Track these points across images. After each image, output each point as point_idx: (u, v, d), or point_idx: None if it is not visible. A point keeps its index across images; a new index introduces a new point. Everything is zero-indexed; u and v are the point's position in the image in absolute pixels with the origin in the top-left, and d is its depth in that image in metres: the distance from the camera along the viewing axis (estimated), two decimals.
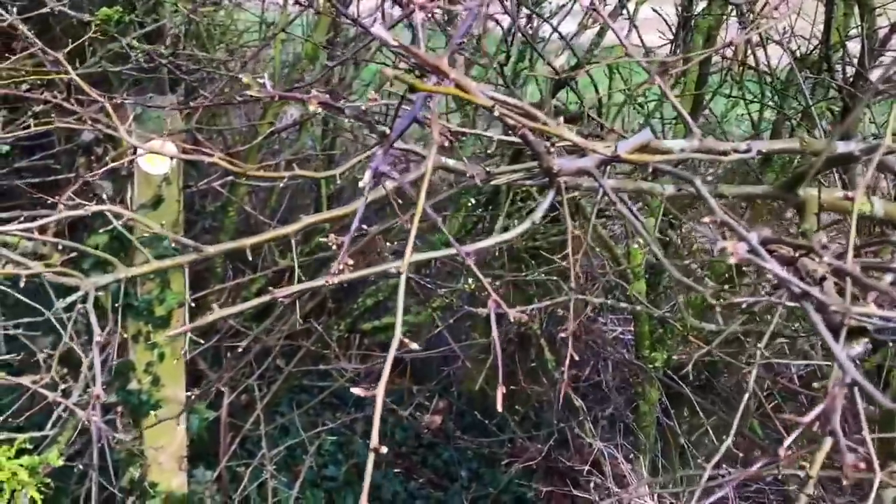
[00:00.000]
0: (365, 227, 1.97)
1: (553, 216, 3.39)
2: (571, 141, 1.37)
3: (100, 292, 1.73)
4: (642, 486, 2.94)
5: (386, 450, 1.04)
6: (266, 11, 4.56)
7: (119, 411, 3.36)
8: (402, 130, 1.26)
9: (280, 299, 1.47)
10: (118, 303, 3.07)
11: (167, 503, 3.53)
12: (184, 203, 3.36)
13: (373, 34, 1.16)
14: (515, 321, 1.21)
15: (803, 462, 1.55)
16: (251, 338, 3.80)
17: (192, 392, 3.53)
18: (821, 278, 1.29)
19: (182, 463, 3.55)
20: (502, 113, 1.24)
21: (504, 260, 3.90)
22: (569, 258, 1.44)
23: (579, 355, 4.60)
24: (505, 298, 3.92)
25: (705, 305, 3.39)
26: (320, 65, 4.04)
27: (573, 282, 1.43)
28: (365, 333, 4.34)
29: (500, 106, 1.24)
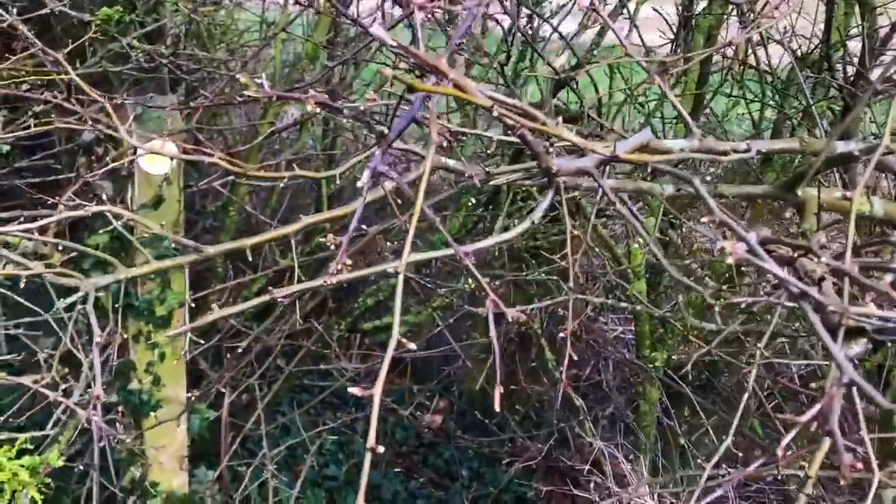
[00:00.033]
0: (364, 228, 1.97)
1: (553, 216, 3.39)
2: (570, 141, 1.37)
3: (100, 293, 1.73)
4: (642, 486, 2.94)
5: (383, 449, 1.04)
6: (266, 11, 4.56)
7: (120, 411, 3.37)
8: (401, 131, 1.26)
9: (279, 299, 1.47)
10: (119, 303, 3.08)
11: (168, 503, 3.53)
12: (184, 203, 3.35)
13: (371, 34, 1.16)
14: (514, 321, 1.21)
15: (802, 462, 1.55)
16: (251, 338, 3.80)
17: (192, 393, 3.53)
18: (819, 278, 1.29)
19: (183, 462, 3.55)
20: (501, 113, 1.24)
21: (504, 259, 3.90)
22: (568, 258, 1.44)
23: (580, 355, 4.62)
24: (505, 298, 3.93)
25: (705, 305, 3.39)
26: (321, 64, 4.04)
27: (572, 282, 1.43)
28: (366, 333, 4.34)
29: (499, 106, 1.24)
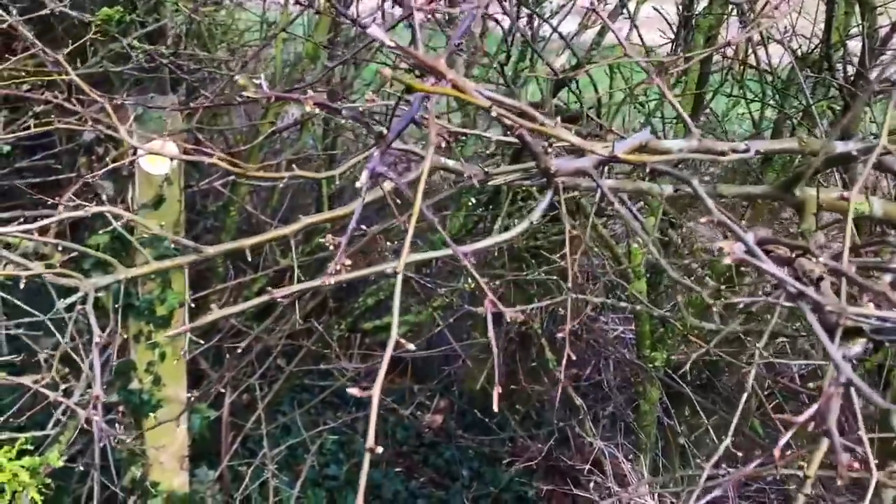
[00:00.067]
0: (364, 228, 1.97)
1: (553, 215, 3.39)
2: (569, 141, 1.37)
3: (100, 293, 1.73)
4: (643, 486, 2.94)
5: (382, 450, 1.05)
6: (267, 11, 4.56)
7: (120, 411, 3.37)
8: (400, 131, 1.27)
9: (279, 299, 1.48)
10: (119, 303, 3.08)
11: (169, 502, 3.53)
12: (185, 203, 3.36)
13: (370, 34, 1.16)
14: (512, 321, 1.22)
15: (801, 462, 1.56)
16: (251, 338, 3.80)
17: (192, 393, 3.54)
18: (818, 278, 1.29)
19: (184, 462, 3.55)
20: (499, 113, 1.25)
21: (504, 259, 3.90)
22: (567, 258, 1.44)
23: (581, 355, 4.63)
24: (506, 298, 3.93)
25: (705, 305, 3.39)
26: (321, 64, 4.04)
27: (571, 281, 1.43)
28: (366, 333, 4.34)
29: (497, 106, 1.24)
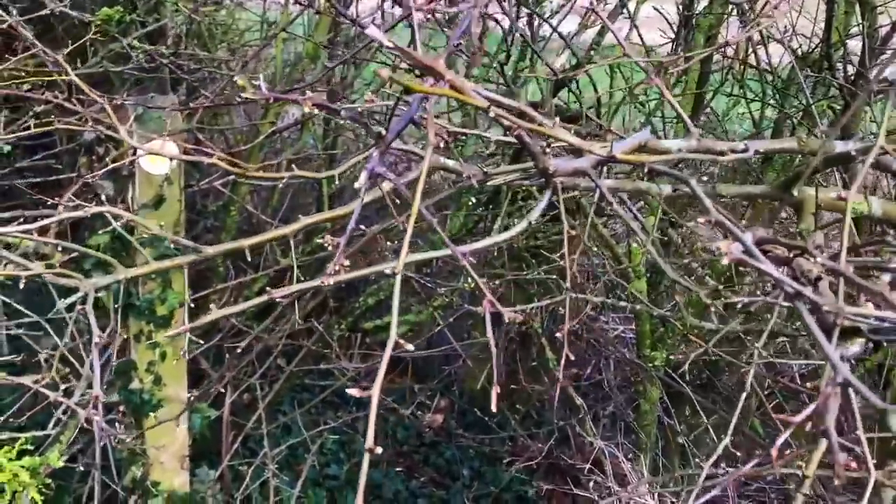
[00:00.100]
0: (363, 228, 1.98)
1: (554, 215, 3.39)
2: (567, 141, 1.37)
3: (99, 293, 1.73)
4: (643, 485, 2.94)
5: (381, 450, 1.05)
6: (267, 11, 4.57)
7: (121, 411, 3.37)
8: (399, 132, 1.27)
9: (278, 299, 1.48)
10: (119, 303, 3.08)
11: (169, 502, 3.54)
12: (185, 203, 3.36)
13: (368, 35, 1.16)
14: (510, 321, 1.22)
15: (800, 462, 1.56)
16: (251, 337, 3.80)
17: (192, 392, 3.54)
18: (816, 278, 1.29)
19: (184, 462, 3.56)
20: (497, 114, 1.25)
21: (504, 259, 3.90)
22: (566, 258, 1.44)
23: (581, 354, 4.62)
24: (506, 297, 3.93)
25: (705, 304, 3.39)
26: (321, 64, 4.04)
27: (569, 281, 1.43)
28: (366, 332, 4.34)
29: (496, 107, 1.24)
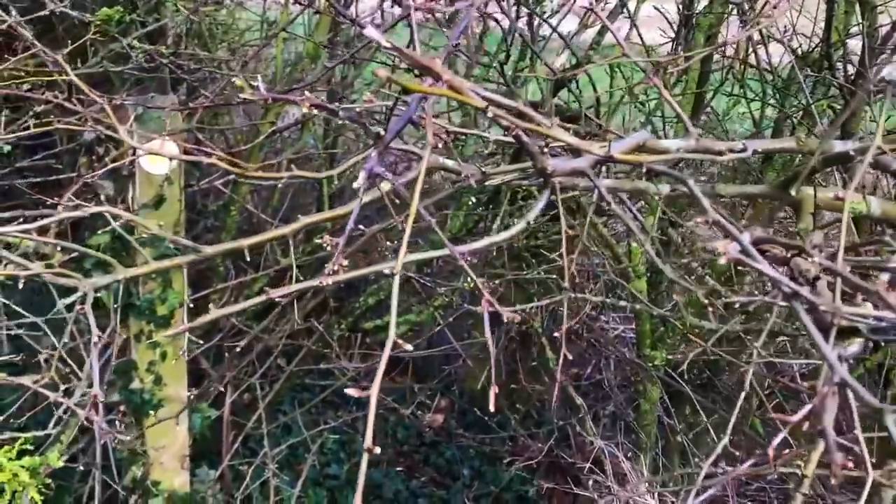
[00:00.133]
0: (362, 228, 1.98)
1: (553, 214, 3.39)
2: (565, 141, 1.37)
3: (99, 293, 1.73)
4: (643, 485, 2.95)
5: (380, 450, 1.05)
6: (267, 10, 4.57)
7: (121, 410, 3.37)
8: (397, 132, 1.27)
9: (277, 299, 1.48)
10: (119, 302, 3.08)
11: (170, 502, 3.54)
12: (186, 202, 3.36)
13: (366, 35, 1.16)
14: (509, 320, 1.22)
15: (799, 461, 1.56)
16: (250, 337, 3.80)
17: (191, 391, 3.54)
18: (814, 278, 1.30)
19: (184, 462, 3.56)
20: (495, 114, 1.25)
21: (504, 259, 3.90)
22: (564, 257, 1.44)
23: (581, 354, 4.62)
24: (506, 297, 3.92)
25: (704, 304, 3.39)
26: (322, 64, 4.04)
27: (567, 281, 1.43)
28: (367, 332, 4.34)
29: (494, 107, 1.24)
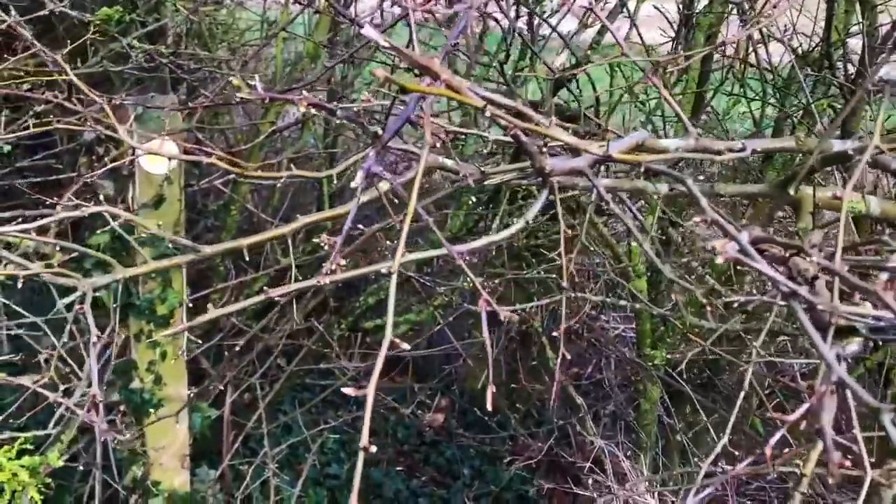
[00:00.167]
0: (361, 227, 1.98)
1: (553, 214, 3.39)
2: (564, 141, 1.37)
3: (98, 292, 1.73)
4: (643, 484, 2.95)
5: (376, 448, 1.05)
6: (268, 10, 4.57)
7: (121, 410, 3.37)
8: (395, 131, 1.27)
9: (276, 298, 1.48)
10: (119, 302, 3.08)
11: (170, 501, 3.54)
12: (186, 202, 3.36)
13: (364, 35, 1.16)
14: (508, 320, 1.22)
15: (798, 461, 1.56)
16: (249, 336, 3.80)
17: (191, 390, 3.54)
18: (812, 277, 1.29)
19: (185, 461, 3.56)
20: (494, 113, 1.25)
21: (504, 258, 3.90)
22: (562, 257, 1.44)
23: (581, 353, 4.61)
24: (506, 296, 3.92)
25: (702, 304, 3.39)
26: (322, 63, 4.05)
27: (566, 280, 1.43)
28: (367, 332, 4.35)
29: (492, 106, 1.24)
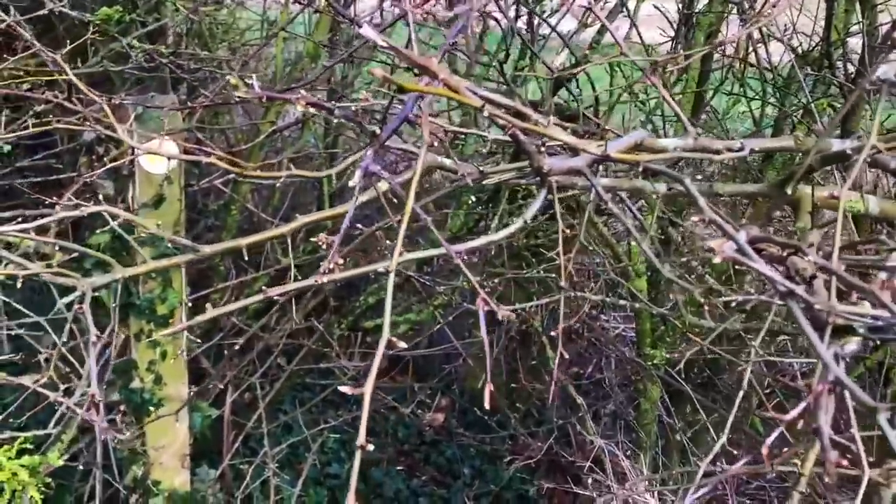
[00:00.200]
0: (360, 227, 1.98)
1: (553, 213, 3.38)
2: (562, 141, 1.37)
3: (97, 292, 1.73)
4: (642, 483, 2.95)
5: (373, 447, 1.05)
6: (268, 10, 4.57)
7: (121, 410, 3.38)
8: (393, 130, 1.27)
9: (275, 297, 1.48)
10: (117, 302, 3.08)
11: (170, 501, 3.54)
12: (186, 202, 3.36)
13: (362, 35, 1.16)
14: (506, 319, 1.22)
15: (797, 460, 1.56)
16: (248, 335, 3.81)
17: (191, 390, 3.54)
18: (811, 277, 1.29)
19: (185, 461, 3.56)
20: (492, 113, 1.25)
21: (504, 258, 3.90)
22: (560, 256, 1.44)
23: (581, 352, 4.61)
24: (506, 296, 3.92)
25: (700, 303, 3.38)
26: (322, 63, 4.05)
27: (564, 280, 1.44)
28: (367, 331, 4.35)
29: (490, 105, 1.24)
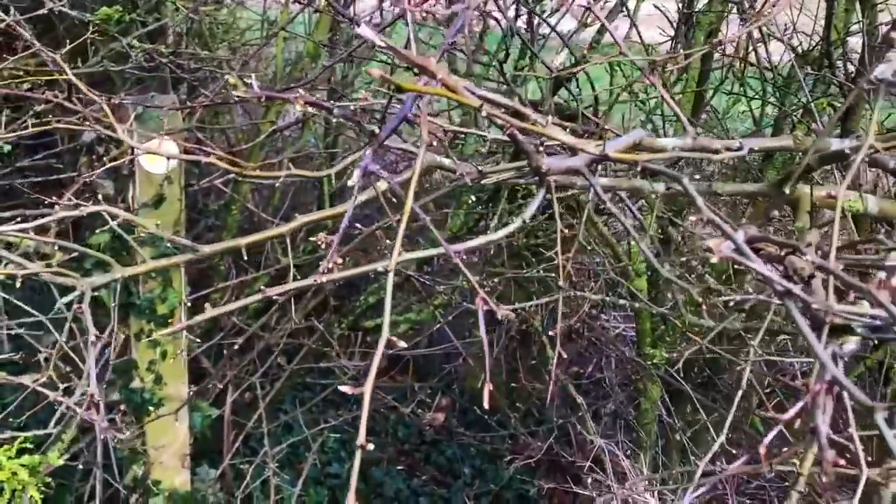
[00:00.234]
0: (359, 227, 1.98)
1: (552, 213, 3.38)
2: (561, 140, 1.37)
3: (97, 292, 1.74)
4: (642, 483, 2.95)
5: (373, 446, 1.05)
6: (268, 10, 4.57)
7: (122, 409, 3.38)
8: (392, 130, 1.27)
9: (275, 297, 1.48)
10: (118, 301, 3.08)
11: (170, 501, 3.55)
12: (187, 201, 3.36)
13: (360, 34, 1.16)
14: (506, 318, 1.22)
15: (796, 459, 1.56)
16: (247, 335, 3.81)
17: (191, 390, 3.55)
18: (809, 276, 1.30)
19: (185, 461, 3.57)
20: (490, 113, 1.25)
21: (504, 257, 3.90)
22: (558, 256, 1.44)
23: (581, 352, 4.61)
24: (506, 295, 3.92)
25: (698, 302, 3.38)
26: (322, 63, 4.05)
27: (562, 279, 1.44)
28: (367, 331, 4.35)
29: (489, 105, 1.24)
